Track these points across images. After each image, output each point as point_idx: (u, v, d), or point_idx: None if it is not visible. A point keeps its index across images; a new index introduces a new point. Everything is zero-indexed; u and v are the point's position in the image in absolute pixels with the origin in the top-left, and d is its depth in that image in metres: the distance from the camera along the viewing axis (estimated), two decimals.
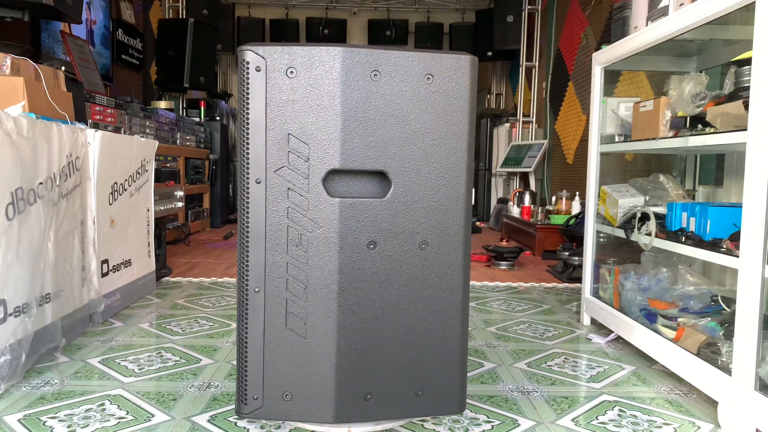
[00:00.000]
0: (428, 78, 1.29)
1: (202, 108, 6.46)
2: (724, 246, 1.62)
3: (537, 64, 6.54)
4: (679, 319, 1.89)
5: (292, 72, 1.28)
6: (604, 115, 2.36)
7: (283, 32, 7.80)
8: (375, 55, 1.27)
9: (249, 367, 1.35)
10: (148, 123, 4.38)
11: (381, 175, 1.31)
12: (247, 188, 1.29)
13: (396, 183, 1.30)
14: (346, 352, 1.33)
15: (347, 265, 1.31)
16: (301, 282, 1.32)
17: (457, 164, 1.33)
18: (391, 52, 1.28)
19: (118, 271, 2.46)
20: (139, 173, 2.68)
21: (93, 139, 2.21)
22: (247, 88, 1.27)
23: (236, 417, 1.50)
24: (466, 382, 1.40)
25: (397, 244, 1.32)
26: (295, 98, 1.28)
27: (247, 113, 1.28)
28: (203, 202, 5.54)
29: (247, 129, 1.29)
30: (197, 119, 6.00)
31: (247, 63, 1.27)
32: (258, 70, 1.27)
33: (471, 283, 3.29)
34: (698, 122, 1.82)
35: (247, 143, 1.29)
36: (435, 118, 1.30)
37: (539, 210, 4.78)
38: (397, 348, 1.35)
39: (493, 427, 1.47)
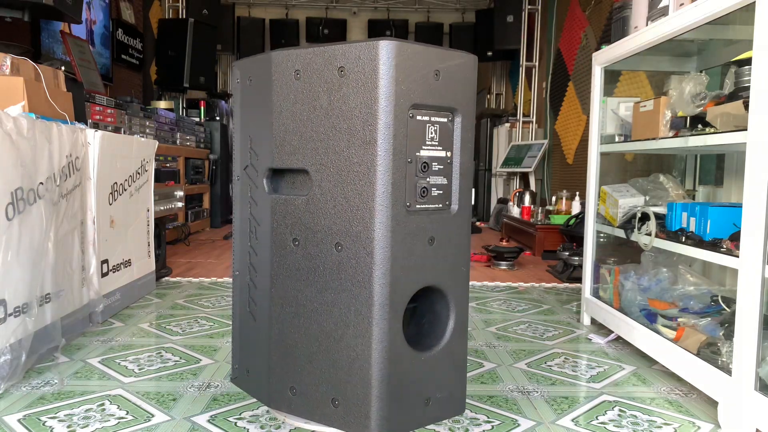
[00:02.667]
0: (341, 71, 1.26)
1: (202, 108, 6.46)
2: (724, 246, 1.61)
3: (537, 64, 6.54)
4: (679, 319, 1.89)
5: (251, 80, 1.42)
6: (604, 115, 2.36)
7: (283, 32, 7.80)
8: (296, 55, 1.31)
9: (233, 338, 1.55)
10: (148, 123, 4.38)
11: (307, 174, 1.35)
12: (232, 184, 1.54)
13: (314, 181, 1.31)
14: (276, 342, 1.40)
15: (277, 259, 1.38)
16: (255, 271, 1.44)
17: (368, 161, 1.23)
18: (308, 50, 1.30)
19: (118, 271, 2.46)
20: (139, 173, 2.68)
21: (93, 139, 2.21)
22: (233, 98, 1.51)
23: (236, 417, 1.50)
24: (384, 406, 1.26)
25: (315, 243, 1.32)
26: (252, 103, 1.42)
27: (233, 119, 1.50)
28: (203, 202, 5.54)
29: (233, 132, 1.51)
30: (197, 119, 6.00)
31: (234, 76, 1.48)
32: (238, 81, 1.47)
33: (471, 283, 3.29)
34: (698, 122, 1.82)
35: (232, 145, 1.54)
36: (348, 112, 1.26)
37: (539, 210, 4.78)
38: (315, 349, 1.34)
39: (493, 427, 1.47)
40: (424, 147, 1.30)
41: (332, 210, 1.29)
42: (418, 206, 1.29)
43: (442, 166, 1.33)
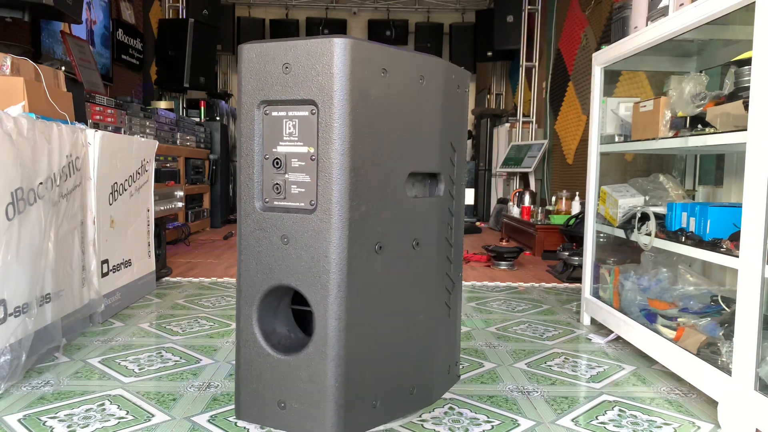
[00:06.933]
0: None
1: (202, 108, 6.46)
2: (724, 246, 1.61)
3: (537, 64, 6.54)
4: (679, 319, 1.89)
5: None
6: (604, 115, 2.36)
7: (283, 33, 7.81)
8: None
9: None
10: (148, 123, 4.38)
11: None
12: None
13: None
14: None
15: None
16: None
17: (237, 158, 1.35)
18: None
19: (118, 271, 2.46)
20: (139, 173, 2.68)
21: (93, 139, 2.21)
22: None
23: (236, 417, 1.50)
24: (240, 393, 1.34)
25: None
26: None
27: None
28: (203, 202, 5.54)
29: None
30: (197, 119, 6.00)
31: None
32: None
33: (471, 283, 3.29)
34: (698, 122, 1.82)
35: None
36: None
37: (539, 210, 4.78)
38: None
39: (493, 427, 1.47)
40: (281, 143, 1.27)
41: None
42: (275, 203, 1.28)
43: (303, 163, 1.25)
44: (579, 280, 3.04)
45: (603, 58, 2.31)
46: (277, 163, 1.26)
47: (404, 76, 1.31)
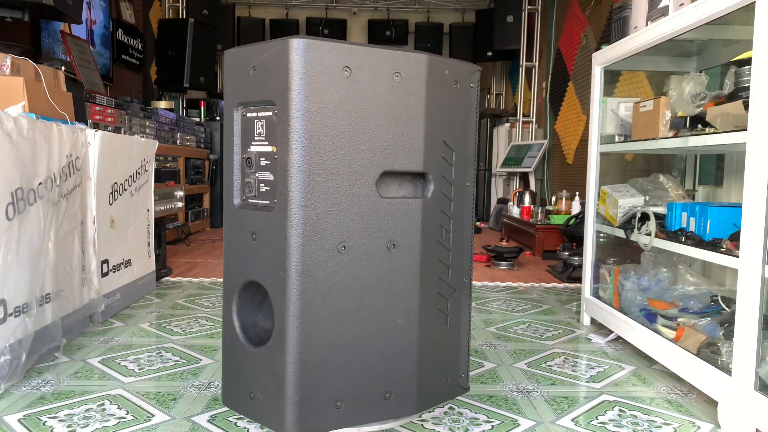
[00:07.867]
0: None
1: (202, 108, 6.46)
2: (724, 246, 1.62)
3: (537, 64, 6.54)
4: (679, 319, 1.89)
5: None
6: (604, 115, 2.36)
7: (283, 33, 7.80)
8: None
9: None
10: (148, 123, 4.38)
11: None
12: None
13: None
14: None
15: None
16: None
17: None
18: None
19: (118, 271, 2.46)
20: (139, 173, 2.68)
21: (93, 139, 2.21)
22: None
23: (236, 417, 1.50)
24: (224, 381, 1.41)
25: None
26: None
27: None
28: (203, 202, 5.54)
29: None
30: (197, 119, 6.00)
31: None
32: None
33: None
34: (698, 122, 1.82)
35: None
36: None
37: (539, 210, 4.78)
38: None
39: (493, 427, 1.48)
40: (253, 143, 1.32)
41: None
42: (249, 201, 1.34)
43: (269, 162, 1.29)
44: (579, 280, 3.04)
45: (603, 58, 2.31)
46: (249, 163, 1.33)
47: (373, 74, 1.27)
